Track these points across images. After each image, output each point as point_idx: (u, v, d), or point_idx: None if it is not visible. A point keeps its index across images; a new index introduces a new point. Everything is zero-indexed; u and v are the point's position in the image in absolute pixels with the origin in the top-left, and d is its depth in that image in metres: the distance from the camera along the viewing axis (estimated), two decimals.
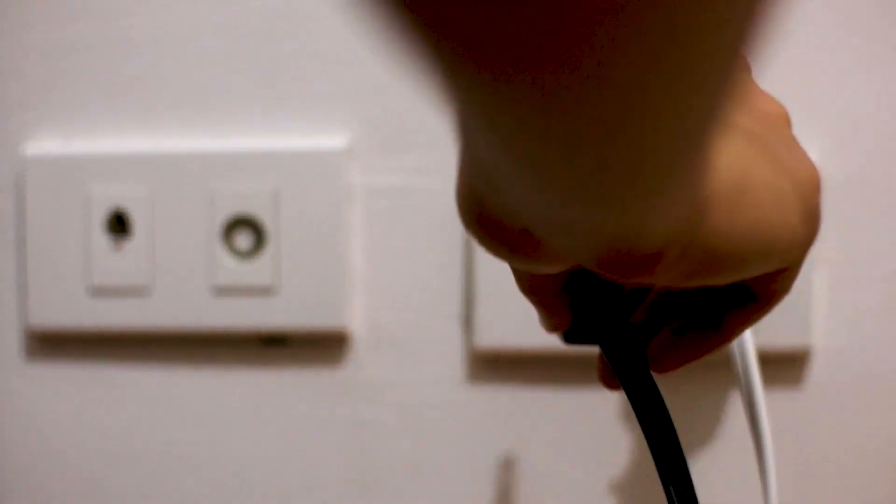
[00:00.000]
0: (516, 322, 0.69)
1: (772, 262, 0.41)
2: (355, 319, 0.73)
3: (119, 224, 0.74)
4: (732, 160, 0.38)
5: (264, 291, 0.72)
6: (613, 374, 0.46)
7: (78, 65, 0.74)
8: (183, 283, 0.73)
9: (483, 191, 0.35)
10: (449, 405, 0.72)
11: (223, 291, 0.73)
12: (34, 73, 0.75)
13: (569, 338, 0.48)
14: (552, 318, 0.48)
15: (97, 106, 0.75)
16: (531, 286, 0.47)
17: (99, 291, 0.74)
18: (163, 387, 0.75)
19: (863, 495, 0.70)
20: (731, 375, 0.60)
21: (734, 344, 0.59)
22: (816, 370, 0.70)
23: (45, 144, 0.75)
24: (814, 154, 0.69)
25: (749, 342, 0.59)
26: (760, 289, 0.45)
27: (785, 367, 0.70)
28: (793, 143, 0.44)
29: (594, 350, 0.71)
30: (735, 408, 0.70)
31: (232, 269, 0.72)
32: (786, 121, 0.45)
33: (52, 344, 0.75)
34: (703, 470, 0.70)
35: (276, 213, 0.72)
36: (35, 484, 0.76)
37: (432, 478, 0.73)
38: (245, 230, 0.73)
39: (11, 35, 0.75)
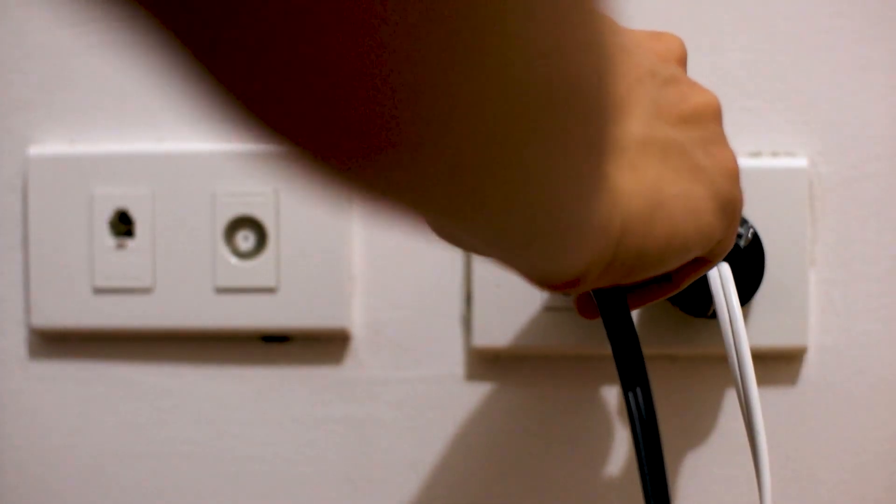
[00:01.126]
0: (516, 322, 0.70)
1: (692, 254, 0.47)
2: (355, 319, 0.73)
3: (122, 224, 0.74)
4: (645, 184, 0.43)
5: (265, 291, 0.73)
6: (590, 305, 0.53)
7: (82, 66, 0.75)
8: (185, 282, 0.73)
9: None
10: (449, 404, 0.73)
11: (225, 291, 0.73)
12: (38, 73, 0.75)
13: None
14: None
15: (101, 107, 0.75)
16: None
17: (102, 290, 0.74)
18: (165, 384, 0.75)
19: (856, 492, 0.70)
20: (727, 373, 0.60)
21: (730, 342, 0.60)
22: (811, 368, 0.70)
23: (48, 145, 0.75)
24: (807, 155, 0.70)
25: (744, 341, 0.60)
26: (699, 255, 0.50)
27: (780, 365, 0.70)
28: (713, 140, 0.47)
29: (593, 350, 0.71)
30: (730, 405, 0.71)
31: (234, 268, 0.73)
32: (713, 112, 0.48)
33: (55, 343, 0.76)
34: (699, 467, 0.71)
35: (276, 213, 0.73)
36: (39, 481, 0.76)
37: (432, 477, 0.73)
38: (246, 230, 0.73)
39: (15, 36, 0.75)
